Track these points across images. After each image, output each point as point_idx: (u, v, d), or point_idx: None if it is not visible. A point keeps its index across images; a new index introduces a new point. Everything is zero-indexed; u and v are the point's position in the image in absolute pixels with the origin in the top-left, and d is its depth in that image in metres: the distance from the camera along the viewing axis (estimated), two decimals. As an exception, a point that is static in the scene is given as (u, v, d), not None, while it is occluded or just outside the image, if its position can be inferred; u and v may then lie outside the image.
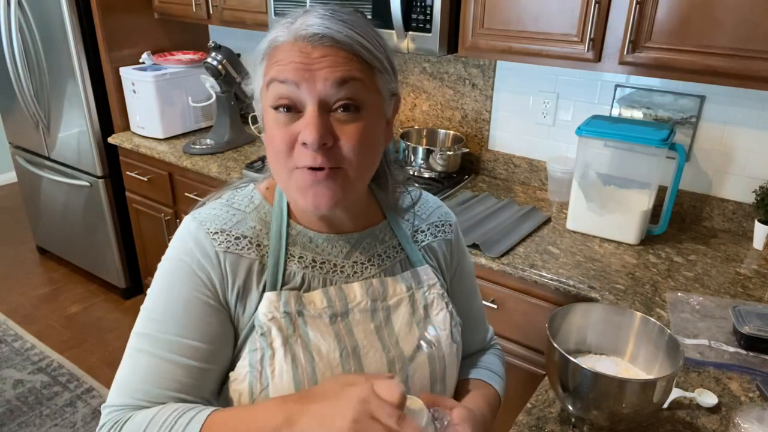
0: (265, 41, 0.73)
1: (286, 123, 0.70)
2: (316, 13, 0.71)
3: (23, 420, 2.28)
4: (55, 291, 3.18)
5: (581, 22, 1.57)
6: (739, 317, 1.26)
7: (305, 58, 0.68)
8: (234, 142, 2.53)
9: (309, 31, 0.69)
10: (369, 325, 0.80)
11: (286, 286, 0.77)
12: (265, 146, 0.76)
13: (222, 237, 0.76)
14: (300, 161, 0.70)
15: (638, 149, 1.65)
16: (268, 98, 0.71)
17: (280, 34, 0.71)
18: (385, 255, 0.85)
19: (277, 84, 0.69)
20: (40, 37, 2.70)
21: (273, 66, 0.70)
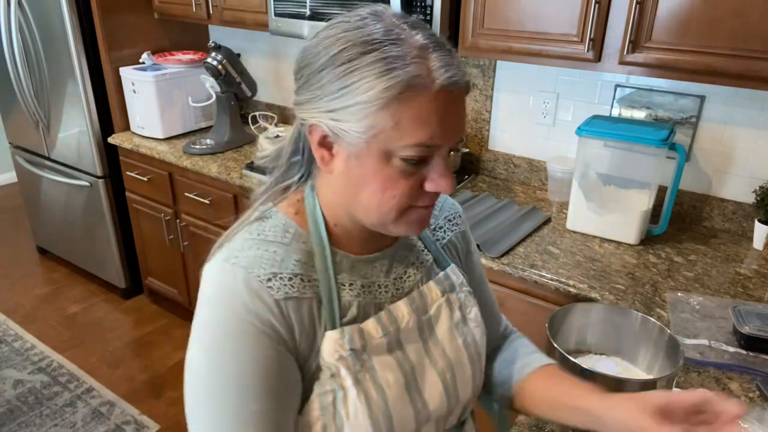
0: (390, 77, 0.61)
1: (413, 172, 0.67)
2: (439, 43, 0.65)
3: (23, 420, 2.28)
4: (55, 291, 3.18)
5: (581, 22, 1.57)
6: (739, 317, 1.26)
7: (452, 115, 0.65)
8: (234, 142, 2.53)
9: (455, 79, 0.64)
10: (418, 343, 0.78)
11: (345, 319, 0.73)
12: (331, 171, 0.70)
13: (277, 283, 0.68)
14: (420, 203, 0.69)
15: (638, 149, 1.65)
16: (397, 149, 0.64)
17: (419, 75, 0.62)
18: (417, 262, 0.83)
19: (423, 147, 0.64)
20: (40, 37, 2.70)
21: (417, 124, 0.63)
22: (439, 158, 0.67)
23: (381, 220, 0.70)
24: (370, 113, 0.63)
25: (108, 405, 2.37)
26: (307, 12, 2.04)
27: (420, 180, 0.68)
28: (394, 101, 0.62)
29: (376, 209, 0.69)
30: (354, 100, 0.63)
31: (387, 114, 0.63)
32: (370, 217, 0.70)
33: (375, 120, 0.63)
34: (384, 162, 0.66)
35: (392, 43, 0.62)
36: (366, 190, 0.68)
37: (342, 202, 0.72)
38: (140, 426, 2.27)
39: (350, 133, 0.65)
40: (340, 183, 0.70)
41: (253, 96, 2.62)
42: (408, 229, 0.72)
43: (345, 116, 0.64)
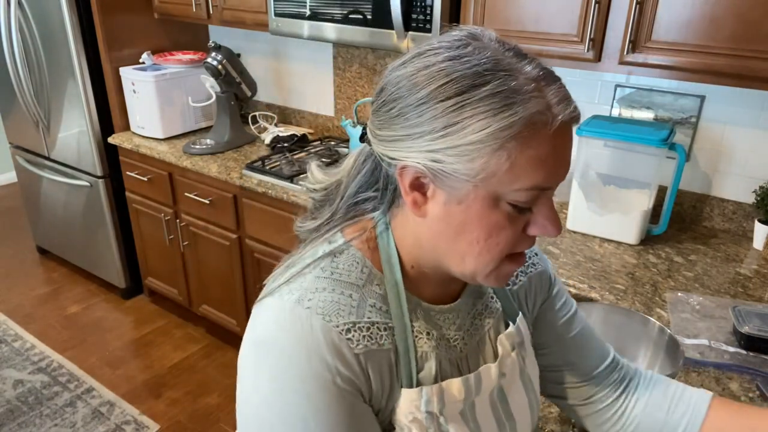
0: (508, 114, 0.54)
1: (518, 217, 0.60)
2: (557, 80, 0.59)
3: (23, 420, 2.28)
4: (55, 291, 3.18)
5: (581, 22, 1.57)
6: (739, 317, 1.26)
7: (564, 151, 0.58)
8: (234, 142, 2.53)
9: (572, 114, 0.57)
10: (490, 413, 0.71)
11: (421, 373, 0.66)
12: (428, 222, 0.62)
13: (357, 334, 0.61)
14: (519, 249, 0.63)
15: (638, 149, 1.65)
16: (512, 196, 0.57)
17: (539, 109, 0.55)
18: (486, 311, 0.75)
19: (539, 191, 0.58)
20: (40, 37, 2.70)
21: (536, 164, 0.56)
22: (546, 199, 0.60)
23: (476, 270, 0.62)
24: (484, 154, 0.55)
25: (108, 405, 2.37)
26: (307, 12, 2.04)
27: (523, 225, 0.61)
28: (512, 141, 0.55)
29: (476, 257, 0.61)
30: (464, 140, 0.55)
31: (503, 155, 0.55)
32: (465, 266, 0.63)
33: (488, 162, 0.55)
34: (491, 207, 0.58)
35: (507, 75, 0.55)
36: (466, 236, 0.60)
37: (431, 246, 0.64)
38: (140, 426, 2.27)
39: (455, 176, 0.57)
40: (434, 228, 0.62)
41: (253, 96, 2.62)
42: (497, 280, 0.64)
43: (451, 158, 0.56)
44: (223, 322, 2.63)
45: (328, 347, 0.59)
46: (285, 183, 2.13)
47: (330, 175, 0.72)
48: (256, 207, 2.22)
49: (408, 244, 0.66)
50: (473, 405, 0.69)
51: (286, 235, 2.17)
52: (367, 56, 2.45)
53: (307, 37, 2.09)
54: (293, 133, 2.55)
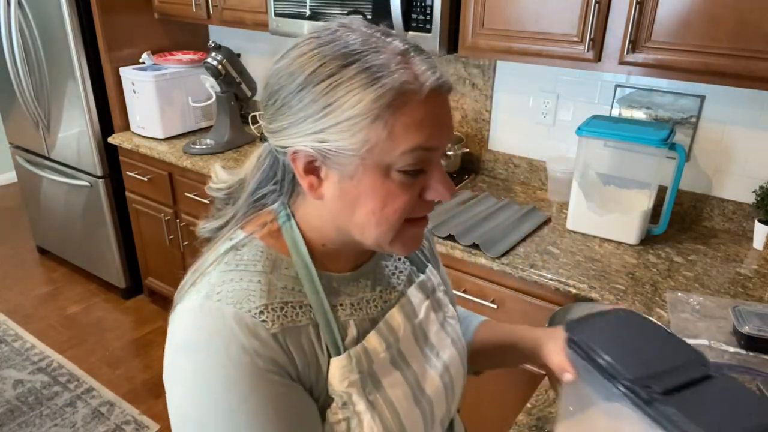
0: (378, 86, 0.59)
1: (411, 183, 0.64)
2: (423, 53, 0.63)
3: (23, 420, 2.28)
4: (55, 291, 3.18)
5: (581, 22, 1.57)
6: (739, 317, 1.26)
7: (444, 115, 0.63)
8: (234, 142, 2.53)
9: (440, 81, 0.62)
10: (416, 350, 0.77)
11: (346, 340, 0.69)
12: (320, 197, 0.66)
13: (270, 315, 0.63)
14: (418, 213, 0.67)
15: (638, 149, 1.65)
16: (394, 160, 0.61)
17: (406, 79, 0.59)
18: (398, 270, 0.81)
19: (422, 152, 0.62)
20: (40, 37, 2.70)
21: (413, 128, 0.60)
22: (436, 165, 0.65)
23: (378, 239, 0.66)
24: (363, 127, 0.60)
25: (108, 405, 2.37)
26: (307, 12, 2.04)
27: (418, 191, 0.65)
28: (386, 110, 0.59)
29: (375, 227, 0.65)
30: (343, 116, 0.60)
31: (380, 125, 0.60)
32: (367, 237, 0.66)
33: (368, 133, 0.60)
34: (383, 177, 0.62)
35: (373, 52, 0.60)
36: (363, 209, 0.64)
37: (335, 225, 0.68)
38: (140, 426, 2.27)
39: (342, 152, 0.61)
40: (334, 207, 0.66)
41: (253, 96, 2.62)
42: (403, 248, 0.69)
43: (334, 135, 0.60)
44: (223, 322, 2.63)
45: (243, 332, 0.61)
46: (285, 183, 2.13)
47: (233, 174, 0.76)
48: (256, 207, 2.22)
49: (314, 227, 0.70)
50: (401, 352, 0.74)
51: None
52: (367, 56, 2.44)
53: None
54: (293, 133, 2.55)
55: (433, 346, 0.80)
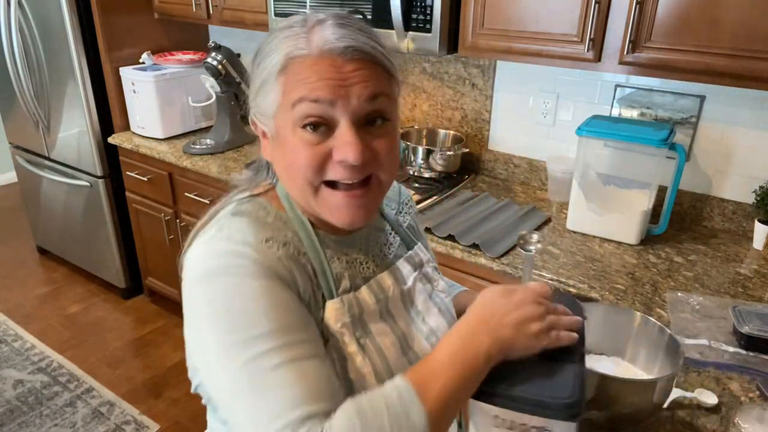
0: (277, 54, 0.69)
1: (315, 141, 0.69)
2: (334, 22, 0.69)
3: (23, 420, 2.28)
4: (55, 291, 3.18)
5: (581, 22, 1.57)
6: (739, 317, 1.26)
7: (337, 73, 0.67)
8: (234, 142, 2.53)
9: (338, 44, 0.67)
10: (404, 311, 0.83)
11: (339, 290, 0.75)
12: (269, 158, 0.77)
13: (275, 245, 0.70)
14: (332, 176, 0.70)
15: (638, 149, 1.65)
16: (292, 117, 0.69)
17: (298, 46, 0.68)
18: (387, 243, 0.88)
19: (308, 103, 0.67)
20: (40, 37, 2.70)
21: (299, 83, 0.68)
22: (343, 126, 0.68)
23: (303, 197, 0.73)
24: (269, 91, 0.70)
25: (108, 405, 2.37)
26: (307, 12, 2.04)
27: (326, 150, 0.69)
28: (282, 74, 0.69)
29: (291, 184, 0.73)
30: (257, 84, 0.72)
31: (278, 86, 0.69)
32: (297, 195, 0.74)
33: (272, 96, 0.70)
34: (290, 135, 0.70)
35: (287, 29, 0.70)
36: (280, 165, 0.74)
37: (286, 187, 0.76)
38: (140, 426, 2.27)
39: (264, 116, 0.73)
40: (277, 169, 0.76)
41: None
42: (331, 215, 0.73)
43: (258, 100, 0.73)
44: (223, 322, 2.63)
45: (252, 250, 0.68)
46: (285, 183, 2.13)
47: None
48: (256, 207, 2.22)
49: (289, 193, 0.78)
50: (389, 310, 0.81)
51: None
52: (367, 56, 2.44)
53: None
54: (293, 133, 2.55)
55: (419, 312, 0.85)
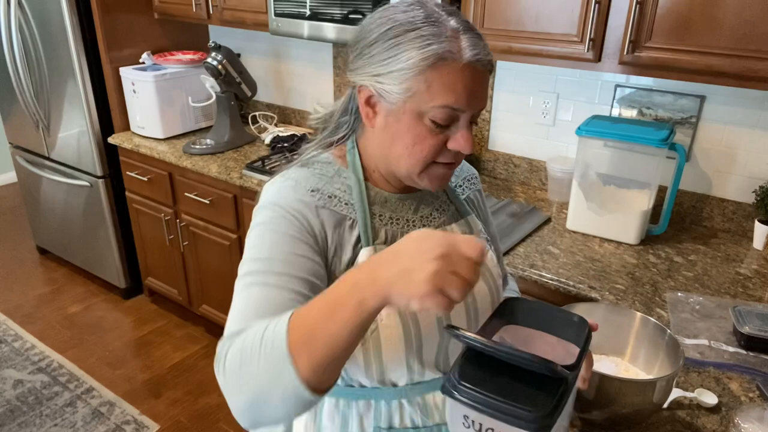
0: (424, 49, 0.75)
1: (439, 132, 0.80)
2: (471, 31, 0.78)
3: (23, 420, 2.28)
4: (55, 291, 3.18)
5: (581, 22, 1.57)
6: (739, 317, 1.26)
7: (473, 84, 0.78)
8: (234, 142, 2.53)
9: (481, 57, 0.77)
10: None
11: (376, 241, 0.86)
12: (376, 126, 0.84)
13: (318, 194, 0.85)
14: (442, 159, 0.83)
15: (638, 149, 1.65)
16: (431, 113, 0.78)
17: (448, 49, 0.76)
18: (440, 209, 0.96)
19: (450, 110, 0.78)
20: (40, 37, 2.70)
21: (446, 90, 0.77)
22: (462, 123, 0.80)
23: (408, 171, 0.84)
24: (408, 78, 0.77)
25: (108, 405, 2.37)
26: (307, 12, 2.05)
27: (444, 140, 0.81)
28: (428, 69, 0.76)
29: (406, 160, 0.83)
30: (396, 67, 0.77)
31: (422, 79, 0.77)
32: (400, 166, 0.84)
33: (412, 84, 0.77)
34: (416, 121, 0.79)
35: (431, 25, 0.77)
36: (399, 143, 0.82)
37: (380, 152, 0.86)
38: (140, 426, 2.27)
39: (391, 94, 0.79)
40: (380, 136, 0.85)
41: (253, 96, 2.62)
42: (430, 182, 0.85)
43: (388, 80, 0.79)
44: (223, 322, 2.62)
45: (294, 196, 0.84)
46: (285, 183, 2.13)
47: (327, 108, 0.97)
48: (256, 207, 2.22)
49: (369, 154, 0.90)
50: None
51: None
52: (367, 56, 2.45)
53: (307, 37, 2.09)
54: (293, 133, 2.55)
55: None
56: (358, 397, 0.89)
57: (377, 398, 0.88)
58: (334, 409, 0.90)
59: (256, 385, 0.65)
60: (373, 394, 0.88)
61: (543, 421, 0.65)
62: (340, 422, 0.90)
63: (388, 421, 0.88)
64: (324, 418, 0.91)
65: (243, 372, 0.66)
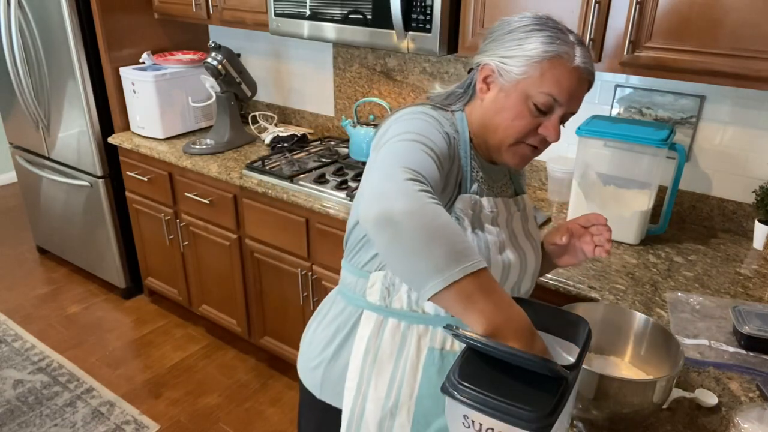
0: (549, 46, 0.92)
1: (535, 115, 0.95)
2: (584, 47, 0.95)
3: (23, 420, 2.28)
4: (55, 291, 3.18)
5: (581, 22, 1.57)
6: (739, 317, 1.26)
7: (575, 86, 0.94)
8: (234, 142, 2.53)
9: (586, 66, 0.94)
10: (506, 228, 1.05)
11: (471, 190, 1.00)
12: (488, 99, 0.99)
13: (448, 134, 0.97)
14: (529, 141, 0.98)
15: (638, 149, 1.65)
16: (536, 97, 0.93)
17: (566, 51, 0.93)
18: (507, 183, 1.12)
19: (552, 99, 0.93)
20: (40, 37, 2.70)
21: (555, 81, 0.92)
22: (556, 115, 0.96)
23: (501, 140, 0.99)
24: (529, 63, 0.93)
25: (108, 405, 2.37)
26: (307, 12, 2.04)
27: (538, 124, 0.96)
28: (546, 61, 0.92)
29: (503, 130, 0.98)
30: (522, 53, 0.93)
31: (538, 67, 0.93)
32: (497, 135, 0.99)
33: (529, 69, 0.93)
34: (522, 101, 0.95)
35: (558, 31, 0.94)
36: (503, 114, 0.97)
37: (482, 121, 1.01)
38: (140, 426, 2.27)
39: (510, 73, 0.95)
40: (487, 107, 1.00)
41: (253, 96, 2.62)
42: (513, 157, 1.00)
43: (512, 62, 0.94)
44: (223, 322, 2.63)
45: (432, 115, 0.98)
46: (285, 183, 2.13)
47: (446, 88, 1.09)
48: (256, 207, 2.23)
49: (472, 121, 1.03)
50: (497, 221, 1.03)
51: (286, 235, 2.17)
52: (367, 56, 2.45)
53: (307, 37, 2.09)
54: (293, 133, 2.55)
55: (514, 235, 1.06)
56: (419, 321, 1.01)
57: (435, 324, 1.01)
58: (396, 328, 1.02)
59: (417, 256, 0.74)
60: (432, 320, 1.01)
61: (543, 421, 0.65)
62: (400, 340, 1.02)
63: (441, 343, 1.01)
64: (386, 335, 1.03)
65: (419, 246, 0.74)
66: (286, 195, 2.08)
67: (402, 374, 1.03)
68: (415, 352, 1.02)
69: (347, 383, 1.07)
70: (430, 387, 1.02)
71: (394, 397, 1.03)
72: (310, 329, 1.19)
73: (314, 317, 1.20)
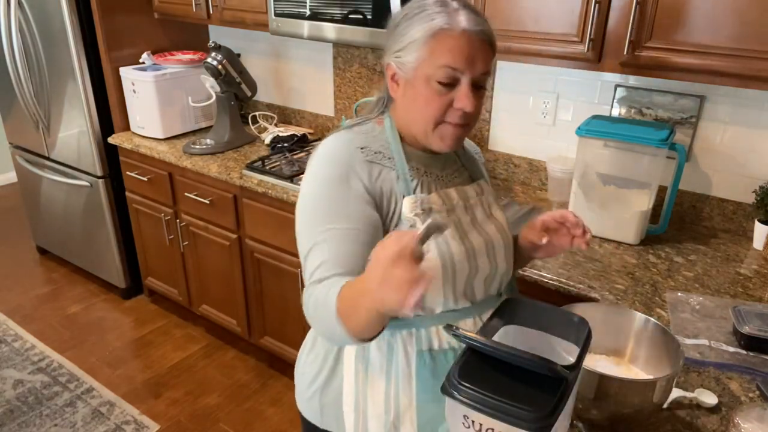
0: (428, 24, 0.93)
1: (444, 93, 0.96)
2: (470, 9, 0.96)
3: (23, 420, 2.28)
4: (55, 291, 3.18)
5: (581, 22, 1.57)
6: (739, 317, 1.26)
7: (471, 49, 0.94)
8: (234, 142, 2.53)
9: (475, 27, 0.94)
10: (466, 218, 1.06)
11: (415, 191, 1.02)
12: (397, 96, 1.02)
13: (367, 152, 1.01)
14: (449, 119, 0.98)
15: (638, 149, 1.65)
16: (435, 75, 0.94)
17: (447, 21, 0.93)
18: (458, 171, 1.12)
19: (449, 69, 0.94)
20: (40, 37, 2.70)
21: (445, 52, 0.93)
22: (464, 85, 0.95)
23: (423, 129, 1.00)
24: (417, 48, 0.95)
25: (108, 405, 2.37)
26: (307, 12, 2.04)
27: (450, 100, 0.96)
28: (431, 38, 0.94)
29: (421, 119, 0.99)
30: (408, 41, 0.96)
31: (427, 47, 0.94)
32: (418, 126, 1.01)
33: (420, 53, 0.95)
34: (426, 84, 0.96)
35: (437, 5, 0.95)
36: (415, 105, 0.99)
37: (404, 118, 1.03)
38: (140, 426, 2.27)
39: (406, 65, 0.97)
40: (402, 104, 1.02)
41: (253, 96, 2.62)
42: (442, 141, 1.01)
43: (404, 53, 0.97)
44: (223, 322, 2.63)
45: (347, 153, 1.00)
46: (285, 183, 2.13)
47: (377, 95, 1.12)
48: (256, 207, 2.23)
49: (398, 121, 1.06)
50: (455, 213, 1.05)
51: (286, 235, 2.17)
52: (367, 56, 2.45)
53: (307, 37, 2.09)
54: (293, 133, 2.55)
55: (476, 221, 1.07)
56: (401, 327, 1.01)
57: (418, 326, 1.01)
58: (381, 339, 1.02)
59: (324, 328, 0.90)
60: (415, 323, 1.01)
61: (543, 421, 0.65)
62: (387, 350, 1.02)
63: (428, 344, 1.01)
64: (372, 350, 1.03)
65: (316, 319, 0.92)
66: (286, 195, 2.08)
67: (396, 385, 1.02)
68: (404, 359, 1.01)
69: (344, 407, 1.07)
70: (428, 392, 1.01)
71: (393, 409, 1.02)
72: (301, 360, 1.20)
73: (303, 346, 1.20)
